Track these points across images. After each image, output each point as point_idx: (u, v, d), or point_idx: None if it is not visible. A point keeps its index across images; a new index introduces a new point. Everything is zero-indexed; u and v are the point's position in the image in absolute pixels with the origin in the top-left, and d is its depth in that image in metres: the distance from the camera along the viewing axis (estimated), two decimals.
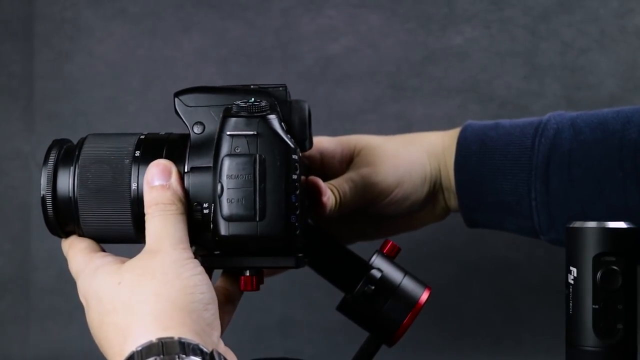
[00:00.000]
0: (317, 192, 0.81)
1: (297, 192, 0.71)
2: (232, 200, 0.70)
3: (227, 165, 0.70)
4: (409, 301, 0.80)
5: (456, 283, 1.08)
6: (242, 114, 0.71)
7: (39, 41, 1.11)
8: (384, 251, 0.82)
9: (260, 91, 0.75)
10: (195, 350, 0.65)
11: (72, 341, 1.10)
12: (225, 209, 0.70)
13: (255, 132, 0.71)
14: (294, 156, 0.71)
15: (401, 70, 1.10)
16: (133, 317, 0.67)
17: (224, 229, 0.71)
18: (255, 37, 1.10)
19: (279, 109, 0.73)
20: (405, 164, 0.88)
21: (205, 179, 0.72)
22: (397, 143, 0.90)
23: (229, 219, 0.70)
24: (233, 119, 0.71)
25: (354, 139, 0.90)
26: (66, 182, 0.74)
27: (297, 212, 0.71)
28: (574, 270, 0.75)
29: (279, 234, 0.71)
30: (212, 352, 0.66)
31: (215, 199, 0.71)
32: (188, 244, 0.71)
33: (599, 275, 0.74)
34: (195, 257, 0.74)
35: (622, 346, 0.74)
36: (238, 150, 0.70)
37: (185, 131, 0.75)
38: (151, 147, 0.74)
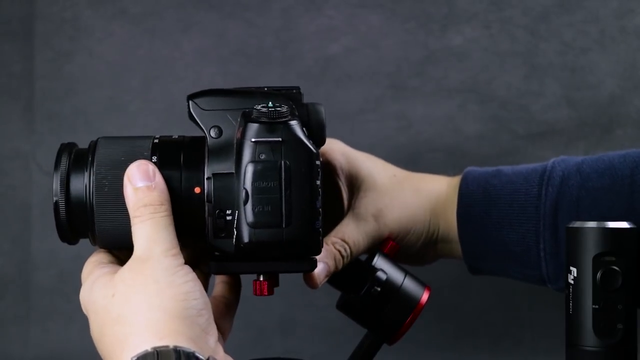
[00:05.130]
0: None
1: (320, 197, 0.71)
2: (258, 207, 0.70)
3: (252, 172, 0.70)
4: (411, 302, 0.80)
5: (456, 283, 1.08)
6: (264, 119, 0.70)
7: (39, 41, 1.11)
8: (385, 251, 0.82)
9: (277, 94, 0.73)
10: (191, 357, 0.65)
11: (72, 341, 1.10)
12: (250, 215, 0.70)
13: (280, 139, 0.70)
14: (317, 162, 0.71)
15: (401, 70, 1.10)
16: (128, 329, 0.68)
17: (248, 235, 0.70)
18: (255, 37, 1.10)
19: (297, 113, 0.72)
20: (408, 218, 0.86)
21: (228, 185, 0.71)
22: (405, 191, 0.88)
23: (254, 225, 0.70)
24: (255, 125, 0.70)
25: (360, 164, 0.87)
26: (81, 187, 0.73)
27: (320, 217, 0.71)
28: (574, 270, 0.75)
29: (304, 240, 0.70)
30: (208, 359, 0.66)
31: (239, 205, 0.70)
32: (178, 248, 0.71)
33: (599, 275, 0.74)
34: (209, 262, 0.73)
35: (622, 346, 0.74)
36: (262, 157, 0.70)
37: (190, 133, 0.74)
38: (168, 152, 0.73)
